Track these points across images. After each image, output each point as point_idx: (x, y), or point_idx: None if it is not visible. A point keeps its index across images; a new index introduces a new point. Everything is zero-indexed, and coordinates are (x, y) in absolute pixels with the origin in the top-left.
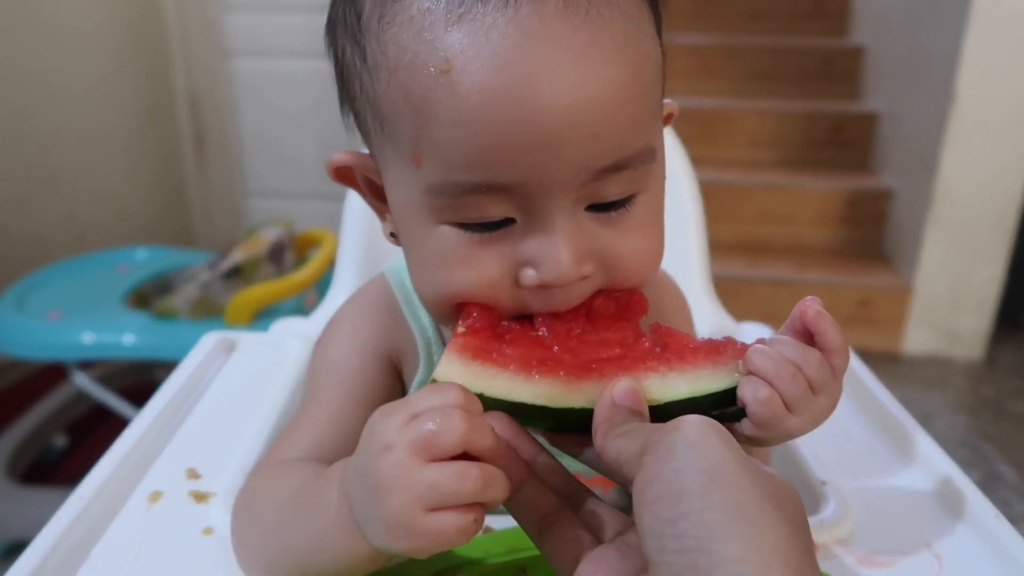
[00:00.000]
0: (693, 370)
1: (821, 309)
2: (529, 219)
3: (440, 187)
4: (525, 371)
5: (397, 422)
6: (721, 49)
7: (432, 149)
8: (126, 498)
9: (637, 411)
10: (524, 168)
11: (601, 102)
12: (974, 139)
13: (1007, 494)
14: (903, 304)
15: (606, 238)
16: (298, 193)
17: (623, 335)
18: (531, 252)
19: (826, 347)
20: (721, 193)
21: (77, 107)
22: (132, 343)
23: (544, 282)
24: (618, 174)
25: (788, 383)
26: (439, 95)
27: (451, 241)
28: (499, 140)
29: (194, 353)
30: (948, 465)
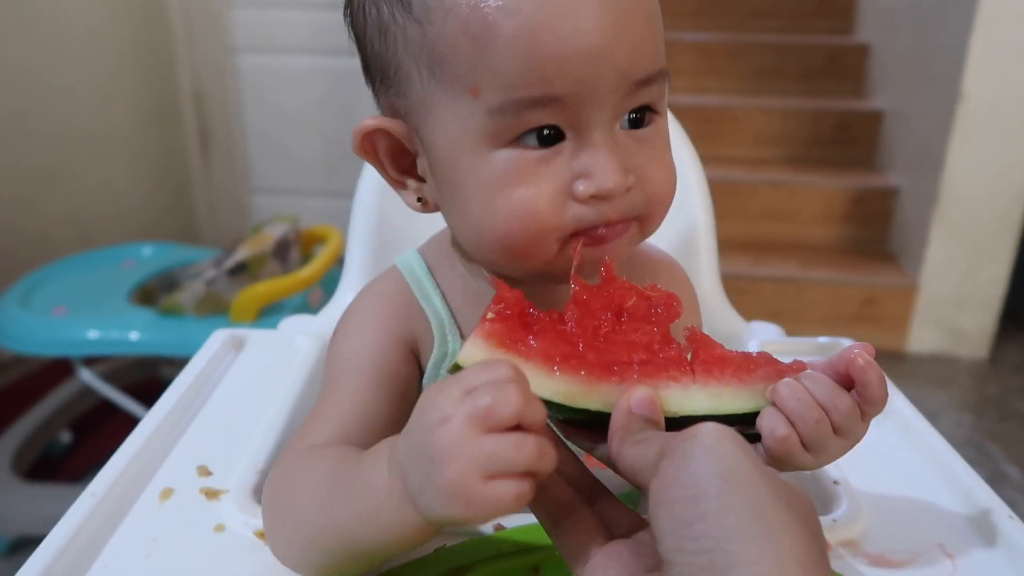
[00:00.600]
0: (717, 385)
1: (871, 360)
2: (577, 136)
3: (500, 107)
4: (547, 365)
5: (453, 395)
6: (726, 47)
7: (491, 73)
8: (138, 495)
9: (653, 421)
10: (577, 78)
11: (637, 19)
12: (980, 137)
13: (1012, 493)
14: (908, 302)
15: (638, 155)
16: (303, 190)
17: (650, 339)
18: (582, 165)
19: (865, 399)
20: (726, 191)
21: (82, 104)
22: (137, 339)
23: (597, 191)
24: (647, 89)
25: (810, 427)
26: (499, 18)
27: (510, 161)
28: (556, 51)
29: (203, 351)
30: (961, 465)
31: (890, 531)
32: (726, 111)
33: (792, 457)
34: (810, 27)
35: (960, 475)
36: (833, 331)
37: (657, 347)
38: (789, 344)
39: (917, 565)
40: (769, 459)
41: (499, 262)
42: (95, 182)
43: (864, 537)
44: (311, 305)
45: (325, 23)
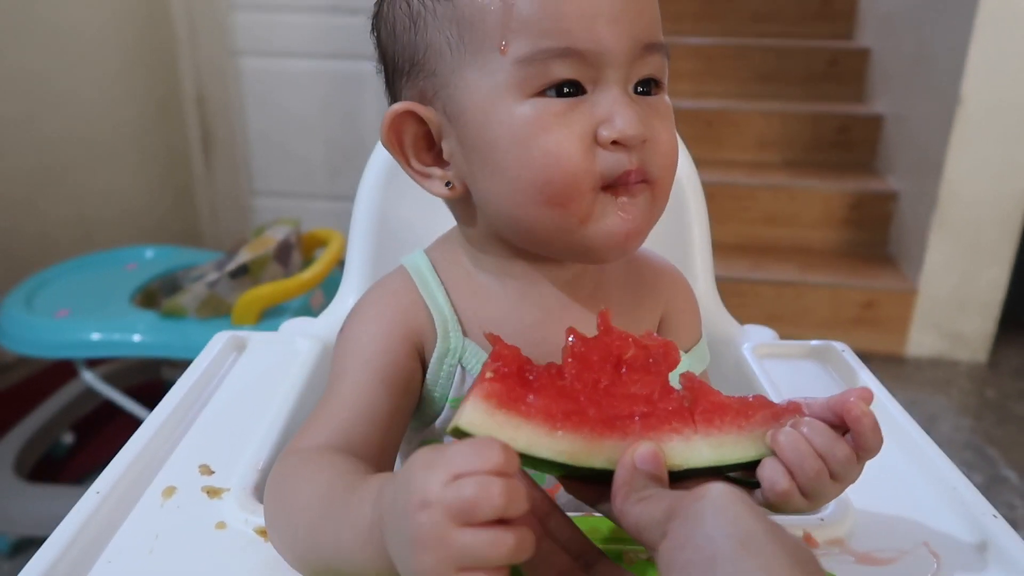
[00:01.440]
0: (719, 434)
1: (866, 408)
2: (597, 88)
3: (528, 57)
4: (548, 424)
5: (437, 479)
6: (727, 50)
7: (520, 26)
8: (141, 493)
9: (657, 476)
10: (598, 33)
11: None
12: (980, 141)
13: (1011, 497)
14: (908, 306)
15: (648, 117)
16: (305, 193)
17: (650, 390)
18: (604, 112)
19: (860, 446)
20: (726, 194)
21: (84, 107)
22: (140, 341)
23: (619, 135)
24: (652, 56)
25: (809, 477)
26: None
27: (539, 108)
28: (579, 8)
29: (205, 352)
30: (946, 463)
31: (877, 530)
32: (727, 115)
33: (790, 504)
34: (811, 31)
35: (946, 474)
36: (832, 334)
37: (657, 398)
38: (782, 347)
39: (903, 563)
40: (766, 504)
41: (537, 222)
42: (98, 184)
43: (851, 536)
44: (312, 308)
45: (327, 27)
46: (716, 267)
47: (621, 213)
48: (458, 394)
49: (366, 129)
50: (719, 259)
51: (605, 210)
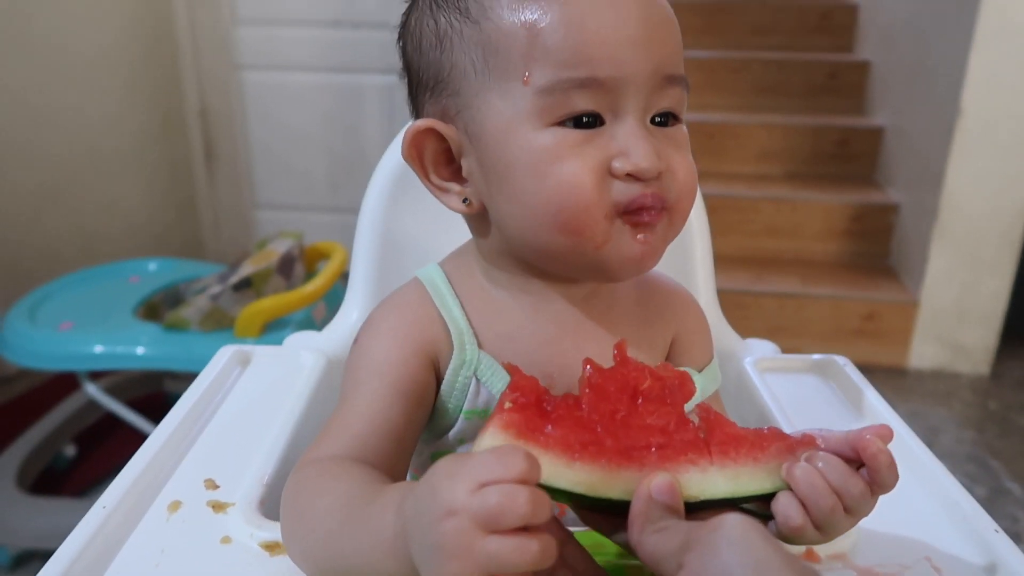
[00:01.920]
0: (734, 466)
1: (882, 446)
2: (614, 121)
3: (549, 87)
4: (567, 455)
5: (463, 488)
6: (729, 63)
7: (543, 55)
8: (147, 507)
9: (673, 507)
10: (619, 63)
11: (667, 23)
12: (980, 153)
13: (1014, 509)
14: (909, 318)
15: (665, 147)
16: (307, 205)
17: (666, 421)
18: (620, 145)
19: (875, 483)
20: (728, 206)
21: (88, 120)
22: (143, 354)
23: (633, 168)
24: (672, 88)
25: (824, 513)
26: (552, 8)
27: (557, 138)
28: (602, 38)
29: (210, 366)
30: (948, 478)
31: (879, 545)
32: (728, 127)
33: (803, 537)
34: (811, 44)
35: (948, 489)
36: (834, 346)
37: (673, 429)
38: (784, 361)
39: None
40: (780, 537)
41: (552, 245)
42: (101, 197)
43: (854, 551)
44: (315, 320)
45: (330, 40)
46: (719, 279)
47: (638, 238)
48: (472, 406)
49: (368, 142)
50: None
51: (621, 236)
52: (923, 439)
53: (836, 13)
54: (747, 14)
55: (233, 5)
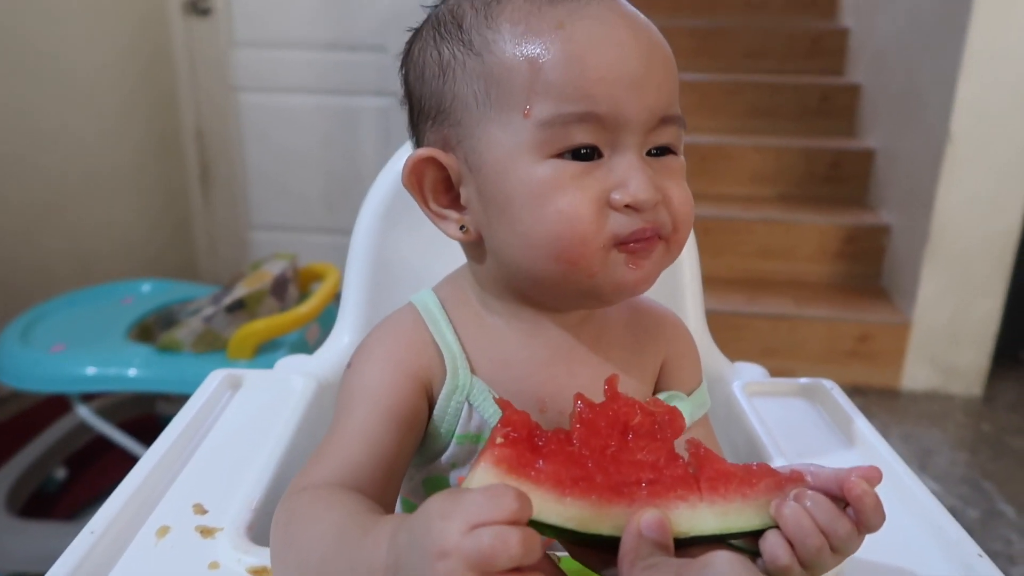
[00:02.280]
0: (723, 503)
1: (868, 488)
2: (613, 153)
3: (549, 120)
4: (557, 491)
5: (456, 529)
6: (722, 86)
7: (544, 89)
8: (135, 533)
9: (662, 544)
10: (618, 99)
11: (664, 65)
12: (969, 176)
13: (1007, 531)
14: (902, 339)
15: (663, 181)
16: (302, 227)
17: (656, 457)
18: (619, 177)
19: (861, 524)
20: (722, 228)
21: (84, 140)
22: (135, 376)
23: (631, 199)
24: (668, 127)
25: (811, 553)
26: (555, 43)
27: (556, 170)
28: (602, 75)
29: (201, 390)
30: (933, 502)
31: (866, 569)
32: (722, 149)
33: (790, 575)
34: (803, 68)
35: (933, 514)
36: (827, 368)
37: (663, 465)
38: (772, 385)
39: None
40: (767, 573)
41: (547, 274)
42: (96, 218)
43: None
44: (308, 342)
45: (326, 63)
46: (712, 301)
47: (631, 266)
48: (465, 430)
49: (363, 164)
50: (715, 293)
51: (616, 264)
52: (917, 461)
53: (827, 37)
54: (740, 38)
55: (230, 28)
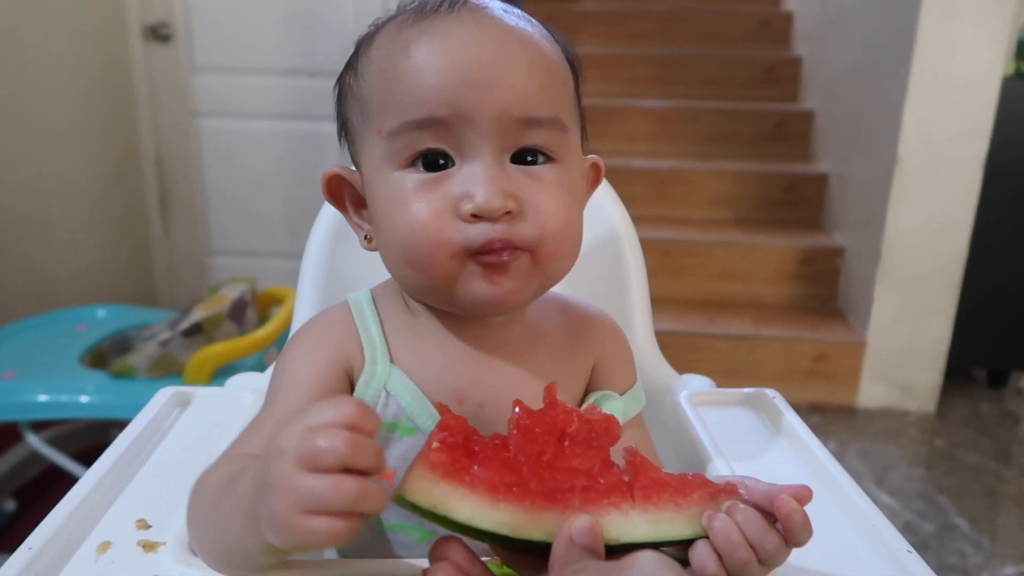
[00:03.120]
0: (656, 511)
1: (796, 506)
2: (463, 161)
3: (394, 131)
4: (491, 496)
5: (294, 432)
6: (681, 113)
7: (392, 103)
8: (75, 549)
9: (593, 549)
10: (454, 103)
11: (515, 66)
12: (918, 199)
13: (962, 545)
14: (858, 358)
15: (528, 188)
16: (263, 252)
17: (591, 464)
18: (465, 186)
19: (789, 540)
20: (681, 251)
21: (41, 165)
22: (88, 402)
23: (475, 208)
24: (534, 130)
25: (738, 566)
26: (399, 62)
27: (405, 181)
28: (437, 81)
29: (148, 407)
30: (866, 502)
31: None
32: (680, 174)
33: None
34: (759, 95)
35: (866, 513)
36: (786, 387)
37: (598, 472)
38: (716, 395)
39: None
40: None
41: (414, 282)
42: (53, 242)
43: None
44: (267, 365)
45: (287, 89)
46: (673, 322)
47: (488, 280)
48: (381, 417)
49: None
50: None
51: (472, 276)
52: (873, 477)
53: (781, 66)
54: (698, 66)
55: (191, 53)
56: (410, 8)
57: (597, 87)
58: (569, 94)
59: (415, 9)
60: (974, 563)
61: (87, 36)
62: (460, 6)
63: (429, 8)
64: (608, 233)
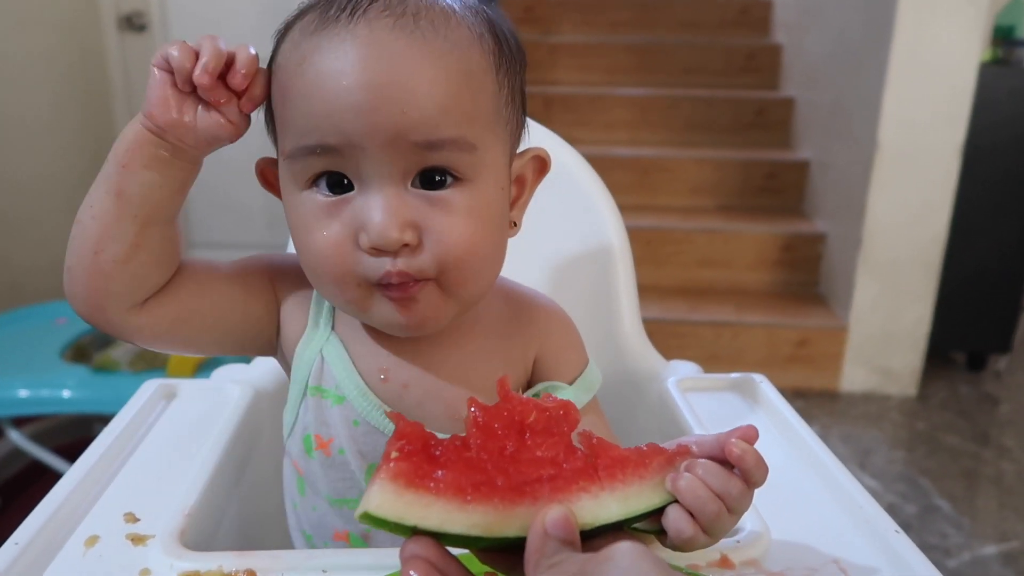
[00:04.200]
0: (623, 488)
1: (745, 447)
2: (361, 187)
3: (292, 153)
4: (459, 498)
5: None
6: (661, 101)
7: (289, 124)
8: (63, 543)
9: (568, 540)
10: (344, 131)
11: (410, 88)
12: (897, 185)
13: (944, 526)
14: (839, 343)
15: (430, 215)
16: (242, 243)
17: (555, 452)
18: (362, 215)
19: (748, 480)
20: (663, 239)
21: (18, 155)
22: (70, 397)
23: (371, 243)
24: (436, 153)
25: (710, 518)
26: (294, 81)
27: (307, 205)
28: (326, 108)
29: (134, 400)
30: (852, 483)
31: (790, 551)
32: (661, 162)
33: (695, 545)
34: (739, 83)
35: (852, 494)
36: (769, 372)
37: (563, 459)
38: (704, 381)
39: None
40: (674, 547)
41: (329, 299)
42: (28, 236)
43: (765, 556)
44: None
45: None
46: (656, 310)
47: (399, 310)
48: (317, 382)
49: None
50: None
51: (382, 303)
52: (856, 460)
53: (761, 53)
54: (678, 54)
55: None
56: (318, 5)
57: (576, 76)
58: (487, 103)
59: (321, 10)
60: (955, 543)
61: (61, 27)
62: (360, 14)
63: (332, 13)
64: (594, 222)
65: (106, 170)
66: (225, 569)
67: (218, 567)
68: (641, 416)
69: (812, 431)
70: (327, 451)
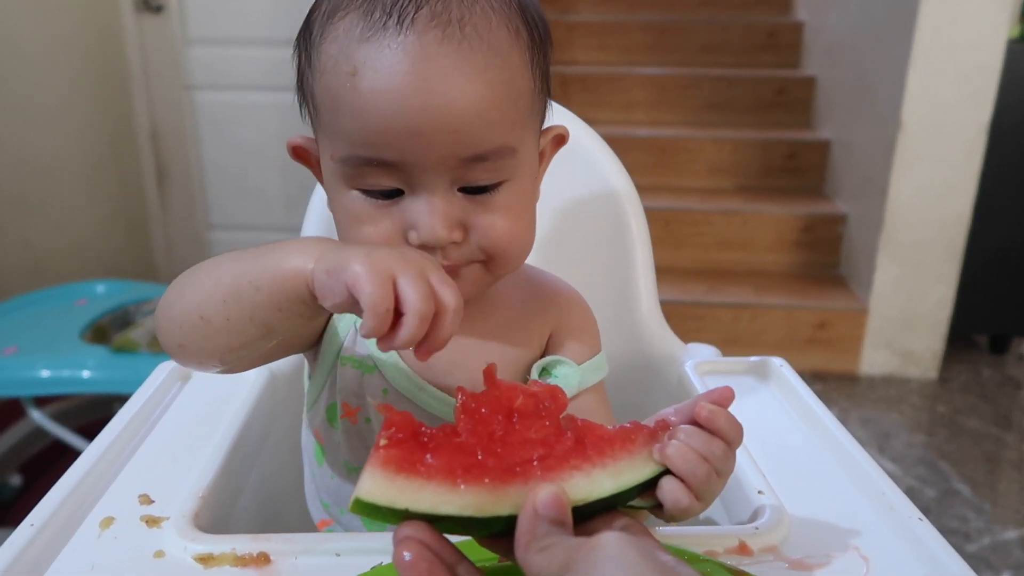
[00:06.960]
0: (614, 463)
1: (714, 408)
2: (413, 192)
3: (345, 159)
4: (450, 481)
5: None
6: (679, 80)
7: (341, 132)
8: (78, 525)
9: (560, 520)
10: (400, 150)
11: (461, 108)
12: (920, 165)
13: (963, 510)
14: (859, 325)
15: (475, 215)
16: (261, 225)
17: (545, 433)
18: (412, 217)
19: (726, 440)
20: (681, 220)
21: (36, 137)
22: (90, 377)
23: (422, 242)
24: (482, 164)
25: (702, 482)
26: (346, 92)
27: (358, 202)
28: (383, 127)
29: (149, 382)
30: (874, 468)
31: (809, 537)
32: (680, 142)
33: (691, 514)
34: (759, 62)
35: (874, 480)
36: (788, 355)
37: (553, 439)
38: (723, 364)
39: (834, 567)
40: (670, 519)
41: None
42: (51, 219)
43: (784, 543)
44: None
45: (281, 60)
46: (674, 292)
47: None
48: (351, 353)
49: None
50: (676, 283)
51: None
52: (875, 444)
53: (782, 31)
54: (697, 33)
55: (184, 25)
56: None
57: (594, 55)
58: (525, 104)
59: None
60: (975, 527)
61: (78, 8)
62: (409, 24)
63: (378, 18)
64: (612, 203)
65: (252, 297)
66: (239, 552)
67: (232, 550)
68: (659, 400)
69: (832, 414)
70: (353, 419)
